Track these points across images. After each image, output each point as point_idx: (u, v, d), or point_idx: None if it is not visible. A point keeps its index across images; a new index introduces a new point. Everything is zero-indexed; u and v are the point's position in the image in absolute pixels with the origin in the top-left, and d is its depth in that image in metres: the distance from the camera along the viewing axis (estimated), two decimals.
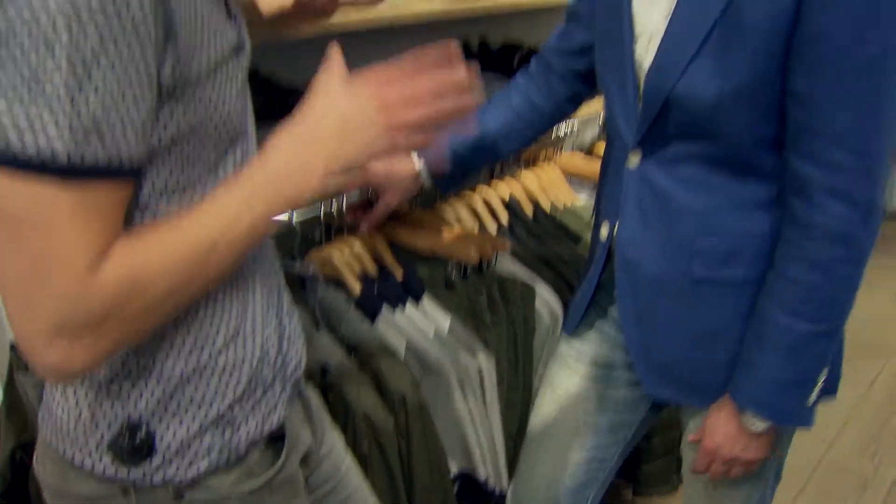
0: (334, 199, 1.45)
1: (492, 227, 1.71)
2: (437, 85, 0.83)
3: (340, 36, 1.44)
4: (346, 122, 0.79)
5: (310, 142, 0.79)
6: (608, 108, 1.21)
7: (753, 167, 1.07)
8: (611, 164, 1.24)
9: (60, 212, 0.64)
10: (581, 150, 2.16)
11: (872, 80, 0.94)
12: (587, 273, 1.31)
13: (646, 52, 1.09)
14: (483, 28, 2.11)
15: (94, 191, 0.66)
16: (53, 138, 0.62)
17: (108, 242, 0.68)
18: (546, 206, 1.83)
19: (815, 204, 1.00)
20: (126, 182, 0.69)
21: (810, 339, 1.05)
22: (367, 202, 1.48)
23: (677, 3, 1.04)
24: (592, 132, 2.34)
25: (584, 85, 1.39)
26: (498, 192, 1.77)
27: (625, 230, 1.19)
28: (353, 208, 1.49)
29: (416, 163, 1.40)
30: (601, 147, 2.12)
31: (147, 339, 0.79)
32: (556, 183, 1.90)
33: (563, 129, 1.99)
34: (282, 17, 1.17)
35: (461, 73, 0.84)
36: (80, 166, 0.64)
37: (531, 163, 1.95)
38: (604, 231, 1.25)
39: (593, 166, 1.98)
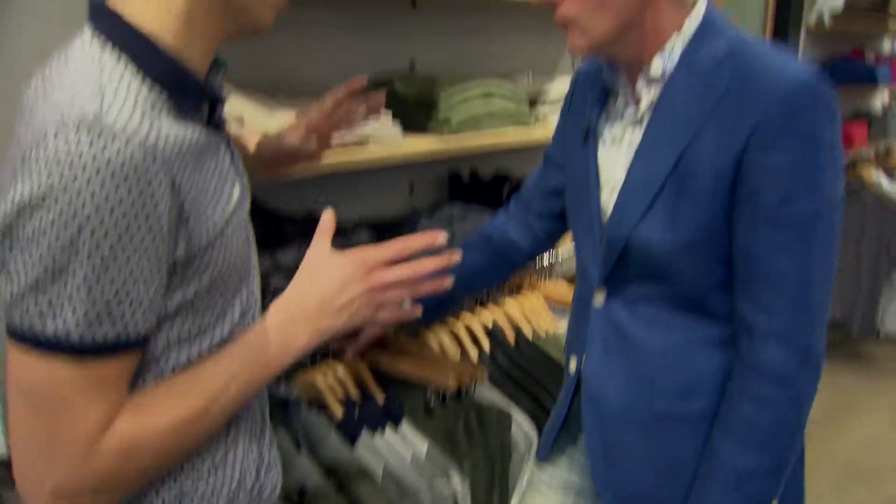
0: None
1: (474, 354, 1.77)
2: (414, 247, 0.93)
3: (334, 174, 1.57)
4: (328, 301, 0.90)
5: (294, 318, 0.89)
6: (577, 247, 1.30)
7: (709, 308, 1.15)
8: (579, 300, 1.32)
9: (72, 386, 0.73)
10: (566, 278, 2.24)
11: (805, 235, 1.04)
12: (558, 403, 1.36)
13: (609, 200, 1.19)
14: (474, 161, 2.25)
15: (104, 367, 0.74)
16: (69, 322, 0.70)
17: (115, 410, 0.76)
18: (528, 333, 1.90)
19: (756, 345, 1.08)
20: (134, 352, 0.77)
21: (753, 472, 1.09)
22: (352, 330, 1.55)
23: (634, 158, 1.14)
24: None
25: (559, 224, 1.49)
26: (481, 319, 1.84)
27: (590, 365, 1.25)
28: (340, 335, 1.56)
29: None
30: None
31: None
32: (538, 311, 1.97)
33: (547, 258, 2.09)
34: (273, 162, 1.28)
35: (440, 236, 0.95)
36: (90, 345, 0.72)
37: (515, 290, 2.03)
38: (572, 364, 1.31)
39: (570, 293, 2.06)
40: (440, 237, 0.98)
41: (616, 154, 1.19)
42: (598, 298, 1.23)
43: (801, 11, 4.13)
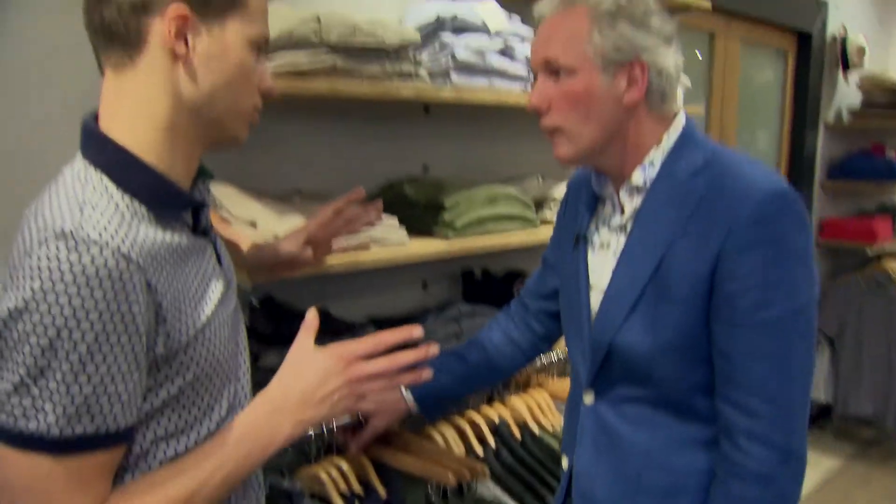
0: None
1: (479, 451, 1.80)
2: (390, 341, 1.00)
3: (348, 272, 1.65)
4: (311, 393, 0.97)
5: (279, 409, 0.96)
6: (568, 348, 1.35)
7: (692, 410, 1.19)
8: (571, 399, 1.36)
9: (54, 481, 0.79)
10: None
11: (780, 337, 1.09)
12: (554, 500, 1.39)
13: (597, 303, 1.25)
14: (486, 260, 2.32)
15: (85, 459, 0.80)
16: (49, 419, 0.78)
17: (101, 501, 0.82)
18: (535, 430, 1.92)
19: (737, 445, 1.11)
20: (116, 446, 0.84)
21: None
22: (357, 424, 1.60)
23: (616, 264, 1.21)
24: None
25: (557, 325, 1.55)
26: (486, 416, 1.87)
27: (581, 463, 1.30)
28: (344, 430, 1.61)
29: (404, 392, 1.54)
30: None
31: None
32: (545, 408, 2.00)
33: (555, 355, 2.12)
34: (274, 267, 1.36)
35: (416, 331, 1.02)
36: (71, 440, 0.78)
37: (522, 388, 2.06)
38: (564, 462, 1.35)
39: None
40: (416, 331, 1.05)
41: (604, 259, 1.26)
42: (588, 398, 1.28)
43: (818, 109, 4.23)
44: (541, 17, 1.21)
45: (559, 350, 2.12)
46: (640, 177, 1.19)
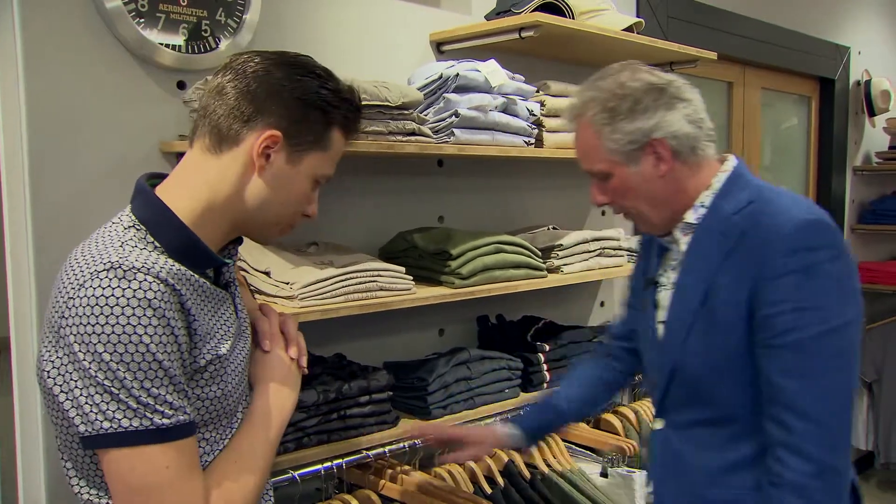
0: (333, 462, 1.66)
1: (487, 489, 1.85)
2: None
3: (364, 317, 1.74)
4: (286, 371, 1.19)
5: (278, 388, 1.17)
6: (645, 381, 1.52)
7: (745, 430, 1.30)
8: (651, 426, 1.49)
9: (174, 469, 0.95)
10: (585, 420, 2.31)
11: (812, 357, 1.19)
12: None
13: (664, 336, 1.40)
14: (502, 305, 2.39)
15: (187, 444, 0.98)
16: (164, 412, 0.95)
17: (203, 485, 1.00)
18: (545, 470, 1.97)
19: (775, 457, 1.21)
20: (195, 434, 1.01)
21: None
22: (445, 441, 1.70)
23: (672, 299, 1.36)
24: None
25: (635, 360, 1.67)
26: (496, 458, 1.93)
27: (654, 483, 1.46)
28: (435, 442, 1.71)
29: (510, 429, 1.65)
30: (609, 417, 2.28)
31: None
32: (556, 450, 2.05)
33: None
34: None
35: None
36: (171, 428, 0.95)
37: None
38: (649, 484, 1.49)
39: (589, 434, 2.13)
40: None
41: (668, 297, 1.39)
42: (658, 424, 1.44)
43: (844, 153, 4.24)
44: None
45: None
46: (692, 216, 1.33)
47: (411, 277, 1.77)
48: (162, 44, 1.68)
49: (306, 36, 1.95)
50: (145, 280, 0.94)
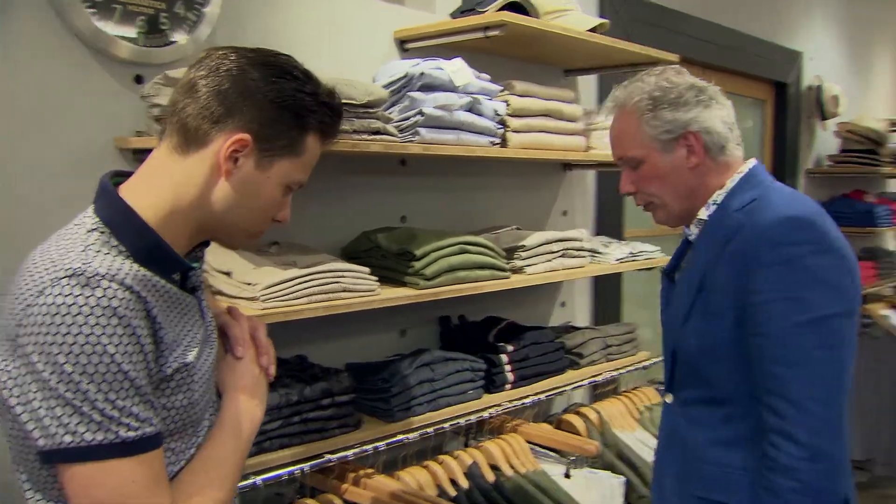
0: (296, 466, 1.63)
1: (451, 492, 1.84)
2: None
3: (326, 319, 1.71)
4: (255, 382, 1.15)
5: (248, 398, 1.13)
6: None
7: (736, 411, 1.37)
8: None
9: (140, 483, 0.91)
10: (548, 421, 2.31)
11: (798, 346, 1.24)
12: None
13: None
14: (463, 306, 2.38)
15: (154, 458, 0.93)
16: (115, 427, 0.89)
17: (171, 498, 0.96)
18: (508, 472, 1.96)
19: (771, 443, 1.26)
20: (162, 445, 0.96)
21: None
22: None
23: (676, 286, 1.48)
24: (564, 404, 2.51)
25: None
26: (459, 460, 1.91)
27: (657, 452, 1.56)
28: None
29: None
30: (570, 418, 2.28)
31: None
32: (519, 451, 2.04)
33: (529, 399, 2.17)
34: None
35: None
36: (139, 440, 0.90)
37: (496, 432, 2.11)
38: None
39: (552, 435, 2.14)
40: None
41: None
42: (668, 398, 1.51)
43: (797, 155, 4.33)
44: (608, 120, 1.51)
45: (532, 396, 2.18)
46: (704, 213, 1.42)
47: (376, 278, 1.74)
48: (118, 36, 1.63)
49: (267, 31, 1.91)
50: (110, 287, 0.89)
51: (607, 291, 3.03)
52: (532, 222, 2.64)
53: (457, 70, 1.88)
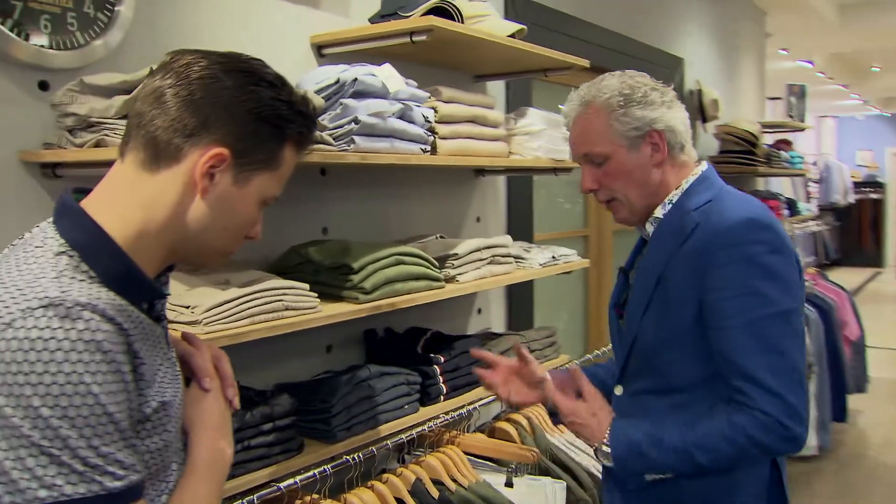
0: (245, 499, 1.52)
1: None
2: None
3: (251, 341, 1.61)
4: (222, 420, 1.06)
5: (215, 437, 1.04)
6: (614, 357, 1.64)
7: (687, 401, 1.42)
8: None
9: None
10: (482, 430, 2.29)
11: (762, 337, 1.31)
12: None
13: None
14: (388, 318, 2.32)
15: None
16: (105, 477, 0.80)
17: None
18: (451, 486, 1.92)
19: (744, 408, 1.32)
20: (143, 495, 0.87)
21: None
22: None
23: (635, 281, 1.52)
24: (494, 412, 2.49)
25: None
26: (403, 478, 1.85)
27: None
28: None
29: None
30: (503, 426, 2.27)
31: None
32: (458, 463, 2.00)
33: (462, 410, 2.14)
34: None
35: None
36: (125, 491, 0.81)
37: (434, 446, 2.06)
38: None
39: (490, 445, 2.11)
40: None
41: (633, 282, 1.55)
42: (618, 390, 1.56)
43: None
44: (568, 119, 1.53)
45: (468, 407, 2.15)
46: (660, 211, 1.48)
47: (315, 294, 1.66)
48: (18, 35, 1.47)
49: (183, 34, 1.78)
50: (92, 319, 0.79)
51: (521, 296, 3.04)
52: (449, 230, 2.61)
53: (388, 76, 1.82)
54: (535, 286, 3.14)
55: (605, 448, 1.42)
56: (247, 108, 0.93)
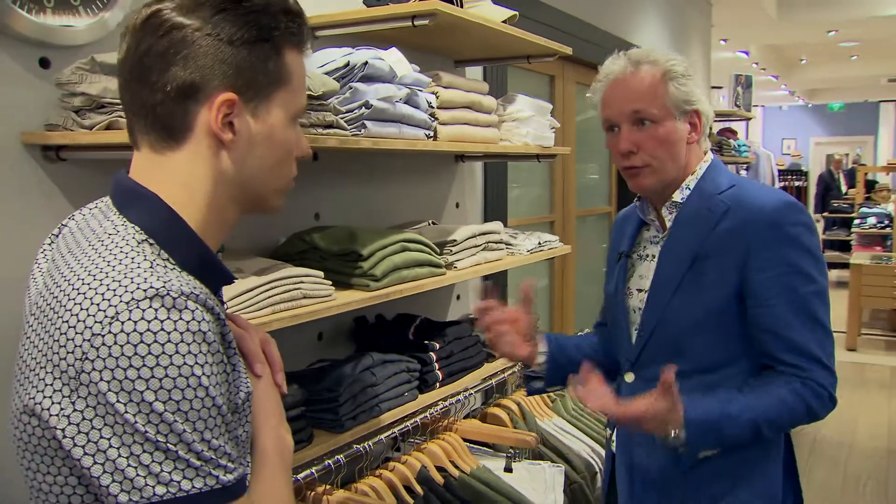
0: None
1: (409, 500, 1.77)
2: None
3: None
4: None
5: (276, 426, 0.98)
6: (613, 344, 1.65)
7: (714, 383, 1.43)
8: (616, 384, 1.59)
9: None
10: (475, 416, 2.30)
11: (805, 311, 1.39)
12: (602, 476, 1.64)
13: (636, 302, 1.56)
14: (379, 307, 2.29)
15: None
16: (219, 470, 0.78)
17: None
18: (454, 472, 1.93)
19: (796, 379, 1.39)
20: None
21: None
22: None
23: (659, 264, 1.52)
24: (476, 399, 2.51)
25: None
26: (409, 466, 1.85)
27: (622, 432, 1.60)
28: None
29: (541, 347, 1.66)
30: (495, 412, 2.28)
31: None
32: (458, 449, 2.01)
33: (459, 396, 2.14)
34: None
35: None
36: (235, 482, 0.79)
37: (433, 434, 2.06)
38: (608, 432, 1.62)
39: (489, 431, 2.13)
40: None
41: (649, 265, 1.57)
42: (629, 377, 1.56)
43: None
44: (610, 76, 1.52)
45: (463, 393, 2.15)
46: (679, 196, 1.51)
47: (330, 282, 1.63)
48: (21, 8, 1.38)
49: None
50: (197, 309, 0.76)
51: (496, 282, 3.06)
52: (429, 215, 2.60)
53: (396, 60, 1.79)
54: (508, 272, 3.15)
55: (676, 432, 1.37)
56: (227, 41, 0.84)
